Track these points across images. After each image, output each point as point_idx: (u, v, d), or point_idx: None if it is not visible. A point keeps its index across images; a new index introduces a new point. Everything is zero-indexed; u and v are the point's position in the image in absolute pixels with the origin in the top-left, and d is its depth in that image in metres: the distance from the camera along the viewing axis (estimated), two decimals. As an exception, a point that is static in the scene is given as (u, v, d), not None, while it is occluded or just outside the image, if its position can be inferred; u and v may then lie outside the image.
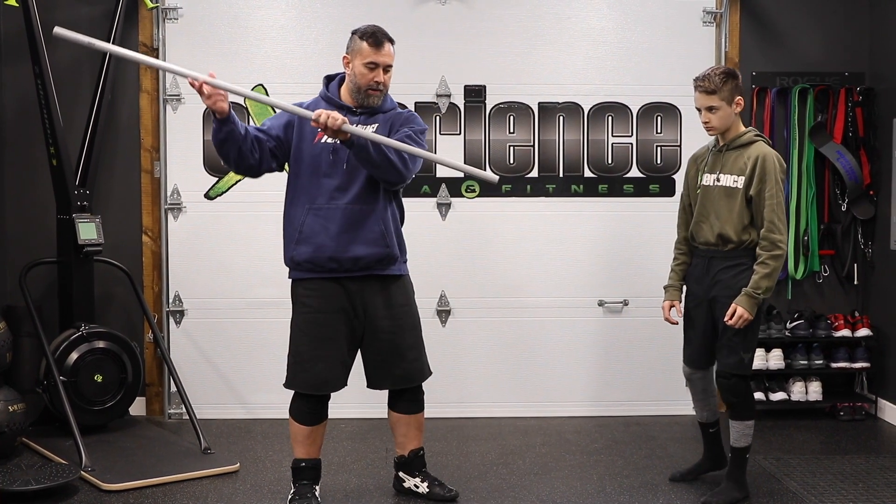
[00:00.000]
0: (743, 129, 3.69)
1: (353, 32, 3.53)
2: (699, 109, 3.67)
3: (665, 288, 3.92)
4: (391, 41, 3.52)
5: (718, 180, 3.67)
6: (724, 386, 3.69)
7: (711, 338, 3.75)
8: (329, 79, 3.63)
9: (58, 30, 3.11)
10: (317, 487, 3.63)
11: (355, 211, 3.46)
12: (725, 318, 3.57)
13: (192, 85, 3.26)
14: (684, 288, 3.88)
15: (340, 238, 3.45)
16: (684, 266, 3.87)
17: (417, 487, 3.76)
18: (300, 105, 3.51)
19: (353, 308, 3.53)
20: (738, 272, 3.62)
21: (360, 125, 3.46)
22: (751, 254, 3.62)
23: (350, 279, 3.51)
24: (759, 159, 3.57)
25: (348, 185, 3.46)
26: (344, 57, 3.54)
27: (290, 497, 3.59)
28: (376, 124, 3.53)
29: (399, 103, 3.73)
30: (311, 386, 3.51)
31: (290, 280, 3.60)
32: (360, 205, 3.47)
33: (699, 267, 3.77)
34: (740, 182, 3.60)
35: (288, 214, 3.54)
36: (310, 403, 3.54)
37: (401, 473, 3.81)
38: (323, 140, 3.47)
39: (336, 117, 3.23)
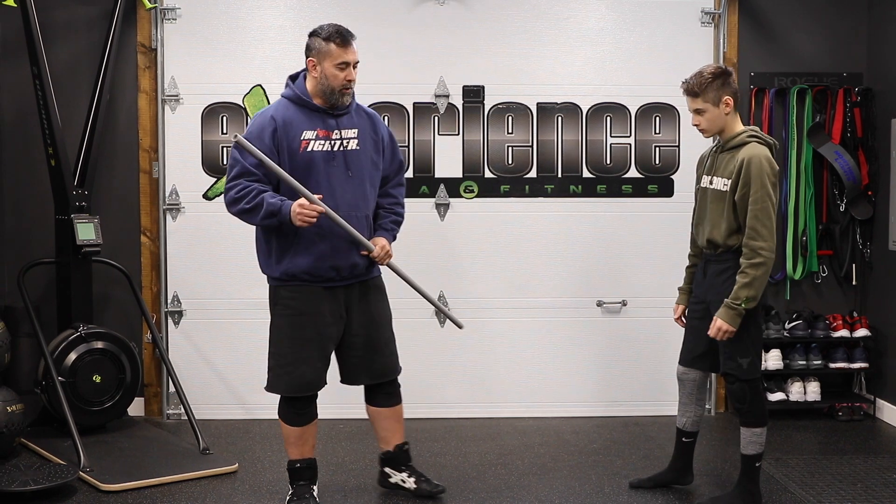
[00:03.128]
0: (739, 129, 3.57)
1: (314, 34, 3.47)
2: (691, 112, 3.63)
3: (679, 290, 3.91)
4: (354, 37, 3.49)
5: (711, 183, 3.61)
6: (728, 390, 3.66)
7: (706, 341, 3.64)
8: (293, 78, 3.57)
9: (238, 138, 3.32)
10: (315, 487, 3.62)
11: (351, 218, 3.45)
12: (709, 331, 3.51)
13: (312, 210, 3.31)
14: None
15: (341, 246, 3.44)
16: (694, 268, 3.83)
17: (405, 483, 3.74)
18: (265, 112, 3.47)
19: (338, 309, 3.52)
20: (727, 276, 3.53)
21: (342, 129, 3.47)
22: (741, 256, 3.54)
23: (340, 287, 3.51)
24: (745, 162, 3.44)
25: (346, 192, 3.45)
26: (309, 60, 3.48)
27: (288, 498, 3.59)
28: (356, 129, 3.52)
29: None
30: (294, 388, 3.49)
31: (271, 285, 3.56)
32: (356, 212, 3.48)
33: (700, 269, 3.73)
34: (728, 186, 3.51)
35: (275, 226, 3.42)
36: (297, 405, 3.52)
37: (387, 469, 3.79)
38: (310, 149, 3.43)
39: (390, 254, 3.55)
